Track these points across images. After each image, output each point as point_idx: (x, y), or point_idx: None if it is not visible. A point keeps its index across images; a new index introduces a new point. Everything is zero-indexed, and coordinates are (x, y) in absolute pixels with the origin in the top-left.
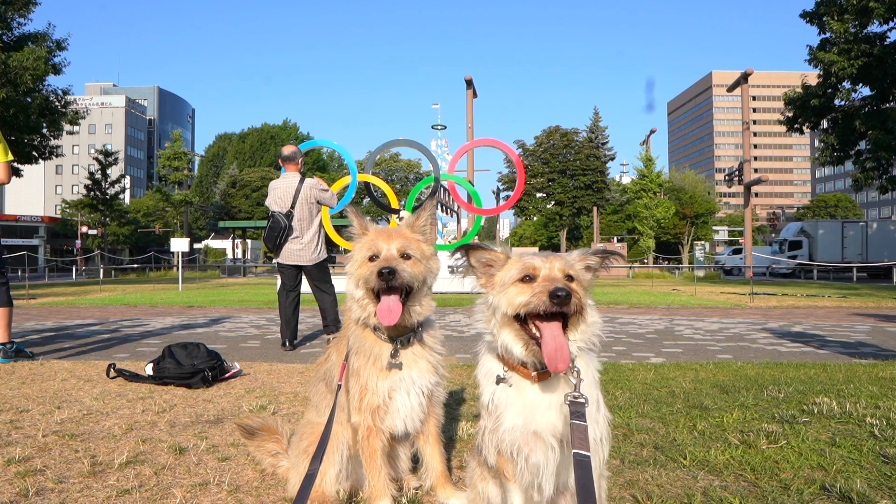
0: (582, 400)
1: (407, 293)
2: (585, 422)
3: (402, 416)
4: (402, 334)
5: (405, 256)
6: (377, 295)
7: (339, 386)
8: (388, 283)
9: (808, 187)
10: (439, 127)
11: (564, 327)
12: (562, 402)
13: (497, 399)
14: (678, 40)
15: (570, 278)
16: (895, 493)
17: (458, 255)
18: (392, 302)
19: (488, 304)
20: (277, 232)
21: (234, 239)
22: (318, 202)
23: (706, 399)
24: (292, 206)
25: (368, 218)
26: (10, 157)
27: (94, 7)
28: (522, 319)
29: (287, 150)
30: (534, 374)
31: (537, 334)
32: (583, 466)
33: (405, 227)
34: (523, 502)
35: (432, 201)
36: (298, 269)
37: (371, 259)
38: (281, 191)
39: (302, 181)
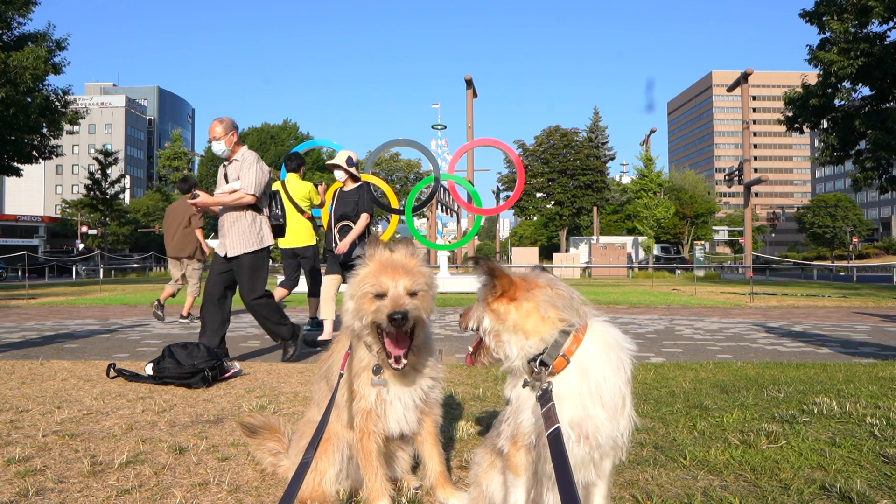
0: (545, 386)
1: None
2: (553, 401)
3: (395, 419)
4: None
5: (412, 294)
6: (381, 333)
7: (341, 374)
8: (399, 327)
9: (808, 187)
10: (439, 127)
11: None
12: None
13: (518, 394)
14: (678, 40)
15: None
16: (895, 493)
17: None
18: (400, 350)
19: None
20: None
21: None
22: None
23: (706, 399)
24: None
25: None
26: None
27: (94, 7)
28: None
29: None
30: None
31: None
32: (555, 439)
33: (407, 255)
34: (526, 497)
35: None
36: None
37: (377, 297)
38: None
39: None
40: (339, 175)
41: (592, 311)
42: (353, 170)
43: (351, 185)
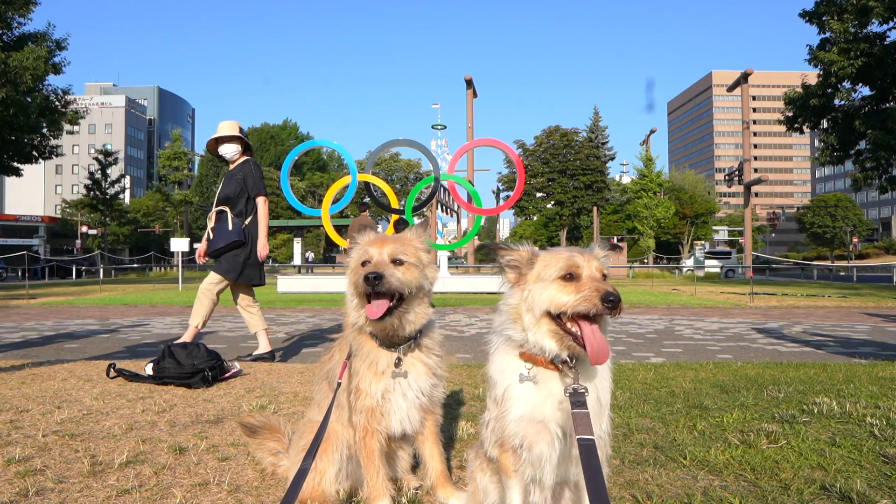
0: (582, 389)
1: (399, 299)
2: (587, 409)
3: (398, 417)
4: (402, 343)
5: (397, 262)
6: (368, 300)
7: (339, 384)
8: (374, 287)
9: (808, 187)
10: (439, 127)
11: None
12: (566, 394)
13: (511, 392)
14: (678, 40)
15: (604, 277)
16: (895, 493)
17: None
18: (379, 303)
19: (522, 299)
20: None
21: None
22: None
23: (706, 399)
24: None
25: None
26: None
27: (94, 7)
28: (557, 317)
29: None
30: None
31: (574, 330)
32: (588, 450)
33: (408, 233)
34: (522, 498)
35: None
36: None
37: (363, 265)
38: None
39: None
40: (231, 150)
41: None
42: (248, 139)
43: (238, 161)
